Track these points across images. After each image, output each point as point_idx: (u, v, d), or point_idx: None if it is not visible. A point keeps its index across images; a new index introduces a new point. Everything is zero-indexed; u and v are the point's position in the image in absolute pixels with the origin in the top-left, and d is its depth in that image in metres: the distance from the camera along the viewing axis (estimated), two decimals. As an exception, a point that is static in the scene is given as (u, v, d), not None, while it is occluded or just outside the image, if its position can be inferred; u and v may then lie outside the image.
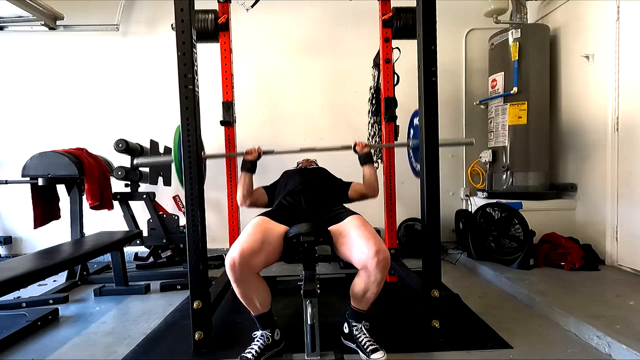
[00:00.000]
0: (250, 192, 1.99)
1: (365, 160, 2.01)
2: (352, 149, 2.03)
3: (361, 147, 2.01)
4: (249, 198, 1.99)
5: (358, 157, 2.03)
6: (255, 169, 1.99)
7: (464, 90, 3.53)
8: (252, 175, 1.99)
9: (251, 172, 1.98)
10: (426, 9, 1.58)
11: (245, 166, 1.97)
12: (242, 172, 1.98)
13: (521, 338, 1.66)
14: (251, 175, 1.99)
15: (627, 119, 2.45)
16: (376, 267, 1.41)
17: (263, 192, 2.06)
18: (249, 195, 1.99)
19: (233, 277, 1.43)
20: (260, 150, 1.99)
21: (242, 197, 1.98)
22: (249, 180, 1.98)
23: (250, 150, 1.99)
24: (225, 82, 2.40)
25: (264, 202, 2.04)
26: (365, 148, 2.01)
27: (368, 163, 2.02)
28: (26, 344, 1.76)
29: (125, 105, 3.48)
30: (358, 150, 2.01)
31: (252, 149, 1.99)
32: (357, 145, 2.02)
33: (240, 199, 1.99)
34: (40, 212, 2.57)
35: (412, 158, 2.23)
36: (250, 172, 1.98)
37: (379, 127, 2.64)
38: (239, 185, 1.99)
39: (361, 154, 2.01)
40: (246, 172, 1.97)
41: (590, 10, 2.74)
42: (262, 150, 2.00)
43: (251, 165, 1.97)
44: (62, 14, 3.21)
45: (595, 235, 2.70)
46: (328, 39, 3.48)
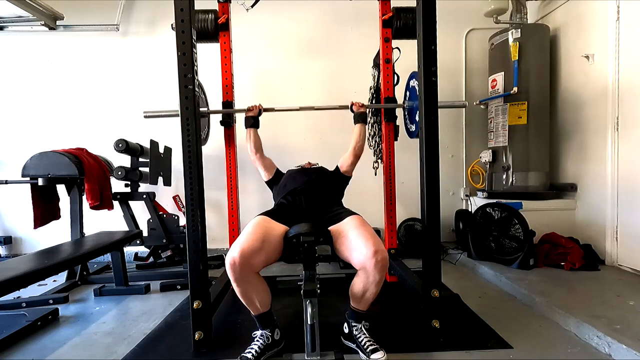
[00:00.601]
0: (258, 146, 2.14)
1: (359, 119, 2.17)
2: (349, 108, 2.21)
3: (357, 106, 2.20)
4: (258, 152, 2.14)
5: (353, 115, 2.20)
6: (258, 124, 2.18)
7: (464, 90, 3.53)
8: (256, 130, 2.17)
9: (255, 127, 2.17)
10: (426, 9, 1.58)
11: (249, 122, 2.16)
12: (246, 128, 2.16)
13: (521, 338, 1.66)
14: (256, 130, 2.17)
15: (627, 119, 2.45)
16: (374, 267, 1.41)
17: (273, 166, 2.17)
18: (258, 150, 2.14)
19: (233, 276, 1.43)
20: (261, 107, 2.20)
21: (252, 147, 2.14)
22: (255, 134, 2.16)
23: (251, 107, 2.20)
24: (225, 82, 2.40)
25: (267, 174, 2.14)
26: (362, 108, 2.20)
27: (361, 122, 2.17)
28: (26, 344, 1.76)
29: (125, 105, 3.48)
30: (355, 109, 2.20)
31: (253, 105, 2.20)
32: (354, 105, 2.21)
33: (251, 149, 2.14)
34: (40, 212, 2.57)
35: (407, 119, 2.31)
36: (254, 127, 2.16)
37: (379, 127, 2.64)
38: (247, 139, 2.15)
39: (357, 113, 2.18)
40: (250, 127, 2.15)
41: (590, 10, 2.74)
42: (262, 107, 2.20)
43: (254, 120, 2.16)
44: (62, 14, 3.21)
45: (595, 235, 2.70)
46: (328, 39, 3.48)
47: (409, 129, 2.30)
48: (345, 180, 2.09)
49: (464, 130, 3.54)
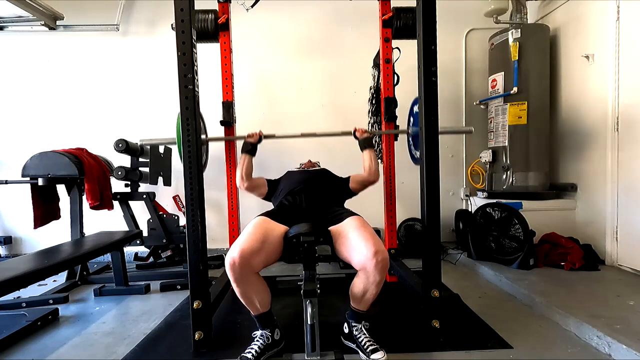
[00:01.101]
0: (249, 174, 2.01)
1: (365, 145, 2.04)
2: (352, 134, 2.07)
3: (361, 132, 2.05)
4: (247, 181, 2.00)
5: (358, 142, 2.06)
6: (255, 151, 2.03)
7: (464, 90, 3.53)
8: (252, 158, 2.02)
9: (251, 154, 2.02)
10: (426, 9, 1.58)
11: (246, 148, 2.01)
12: (242, 153, 2.01)
13: (521, 338, 1.66)
14: (251, 158, 2.02)
15: (627, 119, 2.45)
16: (375, 268, 1.41)
17: (264, 183, 2.07)
18: (248, 178, 2.00)
19: (233, 276, 1.43)
20: (262, 134, 2.06)
21: (240, 178, 1.99)
22: (249, 163, 2.01)
23: (251, 133, 2.04)
24: (225, 82, 2.40)
25: (262, 193, 2.05)
26: (365, 134, 2.05)
27: (368, 147, 2.04)
28: (26, 344, 1.76)
29: (125, 105, 3.48)
30: (358, 135, 2.06)
31: (253, 132, 2.05)
32: (357, 131, 2.06)
33: (239, 180, 2.00)
34: (40, 212, 2.57)
35: (412, 146, 2.26)
36: (250, 154, 2.01)
37: (379, 127, 2.64)
38: (238, 166, 2.01)
39: (361, 139, 2.05)
40: (246, 153, 2.00)
41: (590, 10, 2.74)
42: (263, 133, 2.05)
43: (251, 147, 2.01)
44: (62, 14, 3.21)
45: (595, 235, 2.70)
46: (328, 39, 3.48)
47: (414, 155, 2.23)
48: (348, 193, 2.05)
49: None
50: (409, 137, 2.30)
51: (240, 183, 2.02)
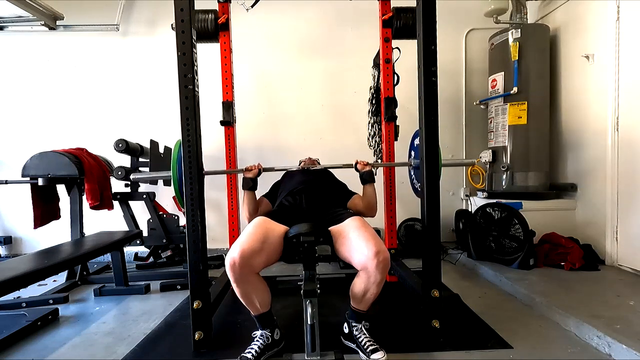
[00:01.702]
0: (256, 210, 1.94)
1: (366, 179, 1.97)
2: (354, 167, 2.00)
3: (362, 165, 1.97)
4: (255, 215, 1.91)
5: (359, 175, 2.00)
6: (256, 186, 1.95)
7: (464, 90, 3.53)
8: (254, 194, 1.96)
9: (253, 190, 1.94)
10: (426, 9, 1.58)
11: (247, 185, 1.92)
12: (244, 190, 1.94)
13: (521, 338, 1.66)
14: (254, 194, 1.95)
15: (627, 119, 2.45)
16: (376, 268, 1.41)
17: (267, 202, 2.04)
18: (255, 213, 1.93)
19: (233, 277, 1.43)
20: (260, 167, 1.97)
21: (248, 216, 1.93)
22: (253, 199, 1.94)
23: (250, 167, 1.96)
24: (225, 82, 2.40)
25: (269, 209, 2.00)
26: (367, 167, 1.97)
27: (369, 182, 1.97)
28: (26, 344, 1.76)
29: (125, 105, 3.48)
30: (359, 168, 1.98)
31: (252, 165, 1.96)
32: (358, 164, 1.98)
33: (247, 219, 1.91)
34: (40, 212, 2.57)
35: (414, 178, 2.22)
36: (251, 191, 1.94)
37: (379, 127, 2.64)
38: (243, 205, 1.95)
39: (362, 172, 1.97)
40: (248, 190, 1.93)
41: (590, 10, 2.74)
42: (261, 167, 1.97)
43: (252, 183, 1.93)
44: (62, 14, 3.21)
45: (595, 235, 2.70)
46: (328, 39, 3.48)
47: (416, 188, 2.18)
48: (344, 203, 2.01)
49: (464, 130, 3.54)
50: (410, 169, 2.27)
51: (247, 218, 1.92)
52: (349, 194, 2.05)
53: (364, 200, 1.98)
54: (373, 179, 2.00)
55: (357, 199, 2.01)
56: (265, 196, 2.08)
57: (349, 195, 2.04)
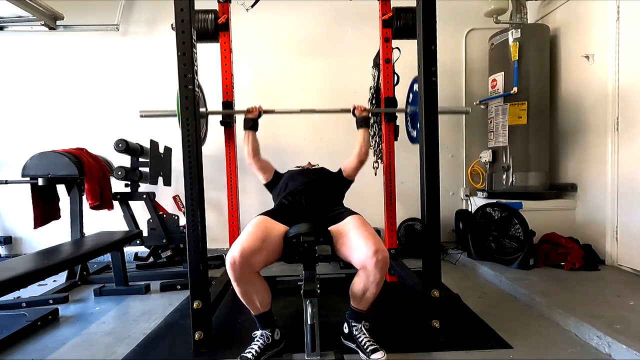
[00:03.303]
0: (256, 149, 2.07)
1: (362, 123, 2.10)
2: (351, 112, 2.15)
3: (360, 110, 2.13)
4: (256, 157, 2.07)
5: (356, 120, 2.13)
6: (257, 127, 2.10)
7: (464, 90, 3.53)
8: (255, 133, 2.09)
9: (254, 129, 2.09)
10: (426, 9, 1.58)
11: (248, 124, 2.07)
12: (245, 130, 2.07)
13: (521, 338, 1.66)
14: (254, 133, 2.09)
15: (627, 119, 2.45)
16: (375, 267, 1.41)
17: (272, 169, 2.12)
18: (256, 154, 2.06)
19: (233, 276, 1.43)
20: (261, 109, 2.12)
21: (248, 153, 2.06)
22: (254, 137, 2.08)
23: (251, 108, 2.11)
24: (225, 82, 2.40)
25: (267, 177, 2.09)
26: (364, 112, 2.12)
27: (364, 126, 2.10)
28: (26, 344, 1.76)
29: (125, 105, 3.48)
30: (357, 113, 2.13)
31: (252, 107, 2.11)
32: (356, 109, 2.14)
33: (248, 154, 2.06)
34: (40, 212, 2.57)
35: (409, 124, 2.28)
36: (252, 130, 2.08)
37: (378, 127, 2.64)
38: (244, 142, 2.07)
39: (359, 117, 2.12)
40: (249, 129, 2.07)
41: (590, 10, 2.74)
42: (262, 109, 2.12)
43: (253, 123, 2.08)
44: (62, 14, 3.21)
45: (595, 235, 2.70)
46: (328, 39, 3.48)
47: (411, 133, 2.27)
48: (347, 183, 2.08)
49: (464, 130, 3.54)
50: (406, 116, 2.33)
51: (249, 157, 2.06)
52: (339, 173, 2.08)
53: (356, 144, 2.07)
54: (368, 124, 2.16)
55: (346, 163, 2.07)
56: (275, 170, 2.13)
57: (340, 174, 2.07)
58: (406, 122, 2.36)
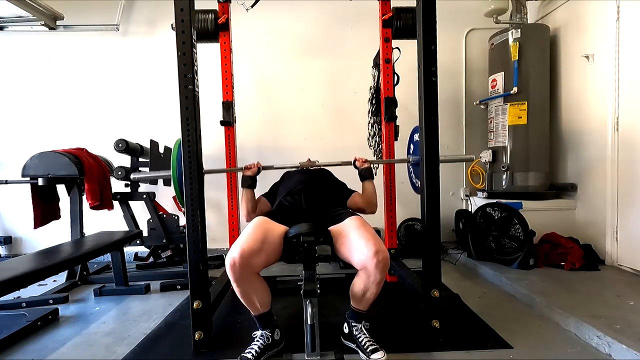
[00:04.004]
0: (254, 208, 1.95)
1: (365, 175, 2.00)
2: (352, 164, 2.03)
3: (361, 162, 2.00)
4: (254, 214, 1.95)
5: (358, 172, 2.02)
6: (255, 184, 1.97)
7: (464, 90, 3.53)
8: (253, 191, 1.97)
9: (252, 188, 1.96)
10: (426, 9, 1.58)
11: (246, 182, 1.94)
12: (243, 188, 1.96)
13: (521, 338, 1.66)
14: (253, 192, 1.96)
15: (627, 119, 2.45)
16: (375, 267, 1.41)
17: (266, 201, 2.05)
18: (254, 212, 1.95)
19: (233, 276, 1.43)
20: (260, 165, 1.99)
21: (247, 214, 1.95)
22: (252, 197, 1.95)
23: (249, 165, 1.98)
24: (225, 82, 2.40)
25: (268, 210, 2.00)
26: (365, 163, 2.00)
27: (368, 178, 2.00)
28: (26, 344, 1.76)
29: (125, 105, 3.48)
30: (358, 165, 2.01)
31: (251, 164, 1.98)
32: (357, 161, 2.01)
33: (246, 216, 1.95)
34: (40, 212, 2.57)
35: (412, 174, 2.22)
36: (251, 189, 1.95)
37: (379, 127, 2.64)
38: (242, 203, 1.97)
39: (361, 169, 2.00)
40: (247, 188, 1.94)
41: (590, 10, 2.74)
42: (261, 165, 1.99)
43: (251, 181, 1.95)
44: (62, 14, 3.21)
45: (595, 235, 2.70)
46: (328, 39, 3.48)
47: (415, 184, 2.19)
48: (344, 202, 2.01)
49: (464, 130, 3.54)
50: (409, 165, 2.27)
51: (248, 218, 1.94)
52: (349, 192, 2.05)
53: (363, 197, 1.99)
54: (372, 176, 2.02)
55: (357, 197, 2.01)
56: (264, 196, 2.08)
57: (349, 194, 2.04)
58: (409, 172, 2.29)
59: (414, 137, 2.14)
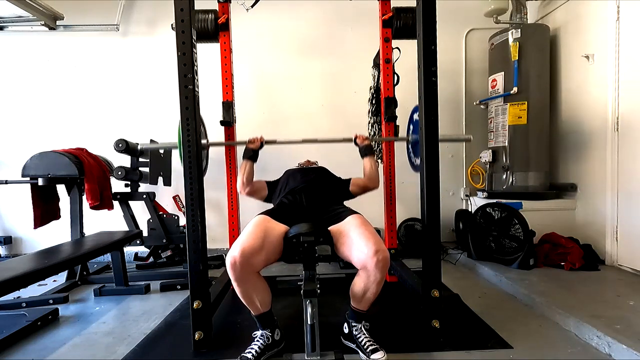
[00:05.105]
0: (250, 180, 2.01)
1: (365, 152, 2.06)
2: (353, 141, 2.09)
3: (362, 139, 2.07)
4: (249, 186, 2.01)
5: (359, 149, 2.08)
6: (256, 157, 2.03)
7: (464, 90, 3.53)
8: (253, 164, 2.02)
9: (252, 160, 2.02)
10: (426, 9, 1.58)
11: (247, 154, 2.00)
12: (243, 159, 2.01)
13: (521, 338, 1.66)
14: (252, 164, 2.02)
15: (627, 119, 2.45)
16: (375, 266, 1.41)
17: (264, 186, 2.08)
18: (249, 184, 2.01)
19: (234, 276, 1.43)
20: (263, 139, 2.05)
21: (241, 183, 2.00)
22: (250, 168, 2.00)
23: (252, 139, 2.04)
24: (225, 82, 2.40)
25: (262, 196, 2.07)
26: (366, 141, 2.07)
27: (369, 154, 2.06)
28: (26, 344, 1.76)
29: (125, 105, 3.48)
30: (359, 142, 2.07)
31: (254, 137, 2.05)
32: (357, 138, 2.08)
33: (240, 185, 2.01)
34: (40, 212, 2.57)
35: (412, 153, 2.25)
36: (251, 160, 2.01)
37: (379, 127, 2.64)
38: (239, 172, 2.02)
39: (362, 146, 2.06)
40: (247, 159, 2.00)
41: (590, 10, 2.74)
42: (264, 139, 2.05)
43: (253, 153, 2.01)
44: (62, 14, 3.21)
45: (595, 235, 2.70)
46: (328, 39, 3.48)
47: (413, 162, 2.22)
48: (348, 195, 2.04)
49: (464, 130, 3.54)
50: (408, 144, 2.29)
51: (241, 189, 2.02)
52: (346, 182, 2.07)
53: (365, 173, 2.04)
54: (372, 152, 2.09)
55: (357, 180, 2.05)
56: (267, 182, 2.11)
57: (347, 183, 2.06)
58: (408, 150, 2.32)
59: (413, 116, 2.18)
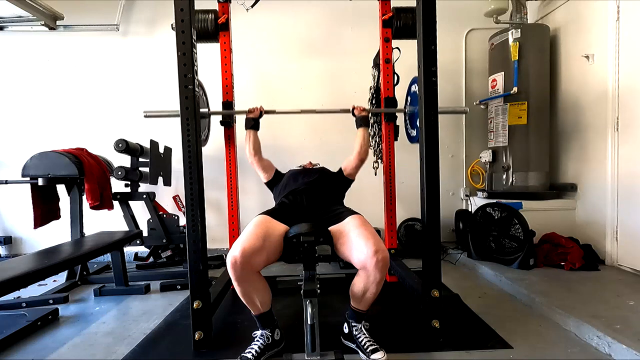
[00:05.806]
0: (257, 148, 2.12)
1: (361, 122, 2.15)
2: (351, 112, 2.20)
3: (359, 110, 2.18)
4: (257, 155, 2.12)
5: (355, 119, 2.18)
6: (258, 126, 2.17)
7: (464, 90, 3.53)
8: (256, 132, 2.16)
9: (255, 129, 2.15)
10: (426, 9, 1.58)
11: (249, 124, 2.15)
12: (246, 130, 2.14)
13: (521, 338, 1.66)
14: (255, 132, 2.15)
15: (627, 119, 2.45)
16: (375, 266, 1.41)
17: (272, 167, 2.15)
18: (257, 152, 2.12)
19: (234, 275, 1.43)
20: (262, 109, 2.19)
21: (250, 149, 2.11)
22: (254, 137, 2.14)
23: (252, 109, 2.18)
24: (225, 82, 2.40)
25: (268, 175, 2.12)
26: (363, 112, 2.17)
27: (364, 125, 2.14)
28: (26, 344, 1.76)
29: (125, 105, 3.48)
30: (356, 113, 2.18)
31: (254, 107, 2.19)
32: (355, 109, 2.20)
33: (249, 153, 2.12)
34: (40, 212, 2.57)
35: (408, 124, 2.31)
36: (253, 129, 2.15)
37: (379, 127, 2.64)
38: (246, 141, 2.13)
39: (358, 117, 2.16)
40: (250, 129, 2.14)
41: (590, 10, 2.74)
42: (263, 109, 2.19)
43: (254, 122, 2.15)
44: (62, 14, 3.21)
45: (595, 235, 2.70)
46: (328, 39, 3.48)
47: (410, 134, 2.29)
48: (347, 182, 2.08)
49: (464, 130, 3.54)
50: (405, 116, 2.37)
51: (251, 156, 2.12)
52: (340, 172, 2.09)
53: (356, 143, 2.10)
54: (368, 124, 2.21)
55: (347, 162, 2.08)
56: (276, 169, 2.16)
57: (341, 173, 2.08)
58: (405, 122, 2.37)
59: (411, 88, 2.24)
